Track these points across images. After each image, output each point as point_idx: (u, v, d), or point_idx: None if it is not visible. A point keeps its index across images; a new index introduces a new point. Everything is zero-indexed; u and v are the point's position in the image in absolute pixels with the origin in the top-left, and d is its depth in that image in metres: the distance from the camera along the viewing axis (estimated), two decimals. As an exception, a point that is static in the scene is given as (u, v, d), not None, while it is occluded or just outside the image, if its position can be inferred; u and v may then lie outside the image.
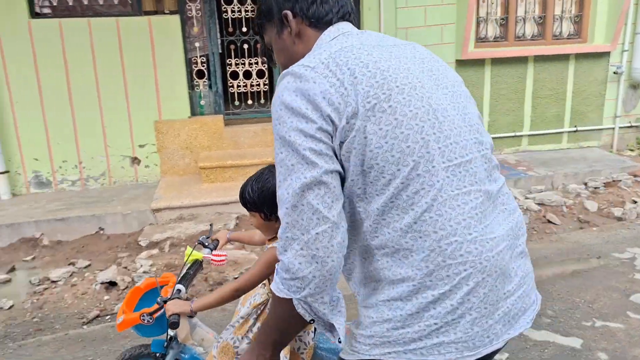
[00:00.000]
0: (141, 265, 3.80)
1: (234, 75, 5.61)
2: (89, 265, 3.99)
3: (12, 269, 4.04)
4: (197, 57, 5.45)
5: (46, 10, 5.03)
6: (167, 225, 4.49)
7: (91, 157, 5.23)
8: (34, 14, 4.95)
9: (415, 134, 1.06)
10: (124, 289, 3.53)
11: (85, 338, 2.98)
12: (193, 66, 5.46)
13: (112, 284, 3.60)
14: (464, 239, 1.07)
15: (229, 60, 5.55)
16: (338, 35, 1.18)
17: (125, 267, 3.78)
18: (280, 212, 1.05)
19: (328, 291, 1.05)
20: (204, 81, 5.52)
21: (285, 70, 1.10)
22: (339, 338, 1.09)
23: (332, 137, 1.04)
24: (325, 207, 1.02)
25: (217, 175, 5.07)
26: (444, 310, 1.07)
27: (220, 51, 5.51)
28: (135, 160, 5.35)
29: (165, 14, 5.24)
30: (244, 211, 4.71)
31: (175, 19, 5.19)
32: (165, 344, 1.94)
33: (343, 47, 1.11)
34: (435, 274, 1.07)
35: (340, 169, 1.06)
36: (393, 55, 1.13)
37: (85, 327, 3.14)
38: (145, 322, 1.68)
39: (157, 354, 1.96)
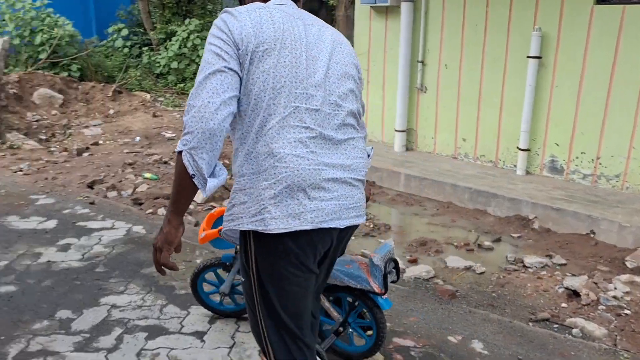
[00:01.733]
0: (615, 288, 3.41)
1: None
2: (564, 264, 3.88)
3: (498, 239, 4.40)
4: None
5: (613, -4, 4.82)
6: (668, 255, 3.79)
7: (611, 155, 4.89)
8: (599, 1, 4.84)
9: (281, 77, 1.55)
10: (584, 305, 3.29)
11: (524, 335, 2.98)
12: None
13: (575, 293, 3.41)
14: (289, 152, 1.54)
15: None
16: (275, 5, 1.67)
17: (596, 283, 3.48)
18: (192, 90, 1.49)
19: (207, 151, 1.46)
20: None
21: (226, 8, 1.59)
22: (206, 193, 1.50)
23: (237, 57, 1.53)
24: (220, 88, 1.48)
25: None
26: (268, 195, 1.54)
27: None
28: (660, 170, 4.66)
29: None
30: None
31: None
32: (233, 256, 2.79)
33: (266, 7, 1.63)
34: (267, 171, 1.54)
35: (240, 74, 1.54)
36: (301, 27, 1.64)
37: (530, 324, 3.13)
38: (224, 236, 1.98)
39: (227, 263, 2.83)
